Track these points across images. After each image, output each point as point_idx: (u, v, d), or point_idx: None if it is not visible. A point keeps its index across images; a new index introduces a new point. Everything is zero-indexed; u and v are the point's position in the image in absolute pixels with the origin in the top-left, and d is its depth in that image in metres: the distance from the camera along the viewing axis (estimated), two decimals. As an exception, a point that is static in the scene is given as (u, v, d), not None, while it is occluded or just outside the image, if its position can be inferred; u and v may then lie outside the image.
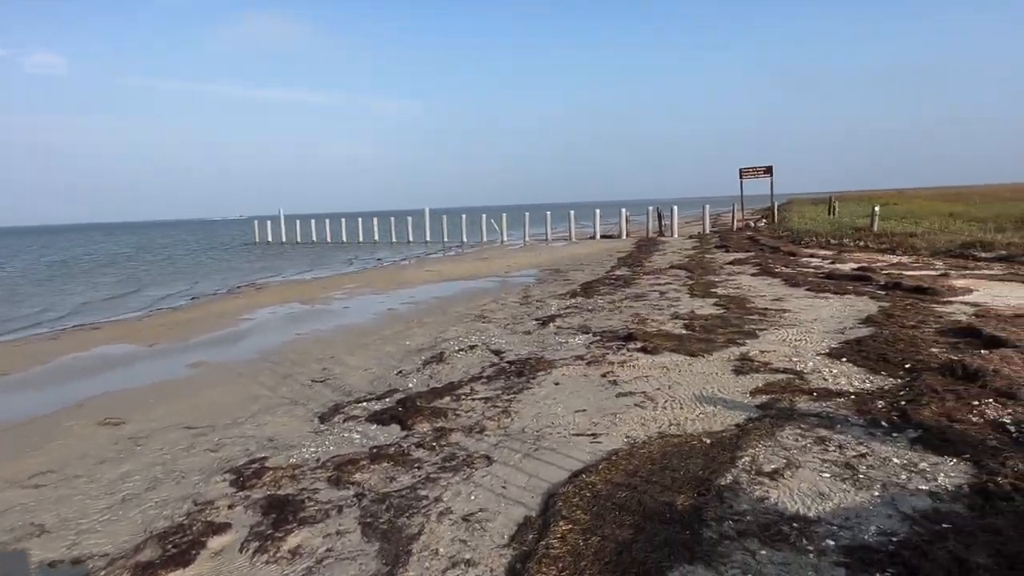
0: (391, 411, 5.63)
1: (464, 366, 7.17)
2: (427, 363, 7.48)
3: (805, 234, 19.23)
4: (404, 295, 14.14)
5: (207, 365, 8.24)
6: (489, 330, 9.24)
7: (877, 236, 16.56)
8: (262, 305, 13.62)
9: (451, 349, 8.09)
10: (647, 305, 10.20)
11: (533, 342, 8.15)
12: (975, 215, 19.67)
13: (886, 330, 7.07)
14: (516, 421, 5.12)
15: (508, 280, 16.10)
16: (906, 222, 19.63)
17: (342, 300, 13.91)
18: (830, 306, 9.01)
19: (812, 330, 7.58)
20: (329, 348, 8.79)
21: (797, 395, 5.17)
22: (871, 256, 14.14)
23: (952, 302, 8.52)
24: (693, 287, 11.69)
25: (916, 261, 12.66)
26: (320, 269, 23.72)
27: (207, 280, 21.30)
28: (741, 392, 5.40)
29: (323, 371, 7.49)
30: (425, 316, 11.04)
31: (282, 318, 11.80)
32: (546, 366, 6.74)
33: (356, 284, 16.95)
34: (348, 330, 10.17)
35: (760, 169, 28.39)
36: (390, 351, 8.38)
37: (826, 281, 11.03)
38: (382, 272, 20.82)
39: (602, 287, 12.82)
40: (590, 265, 18.32)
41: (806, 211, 31.52)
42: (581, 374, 6.35)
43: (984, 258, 12.07)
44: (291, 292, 15.89)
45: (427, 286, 15.74)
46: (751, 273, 13.10)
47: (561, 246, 27.75)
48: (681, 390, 5.56)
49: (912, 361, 5.80)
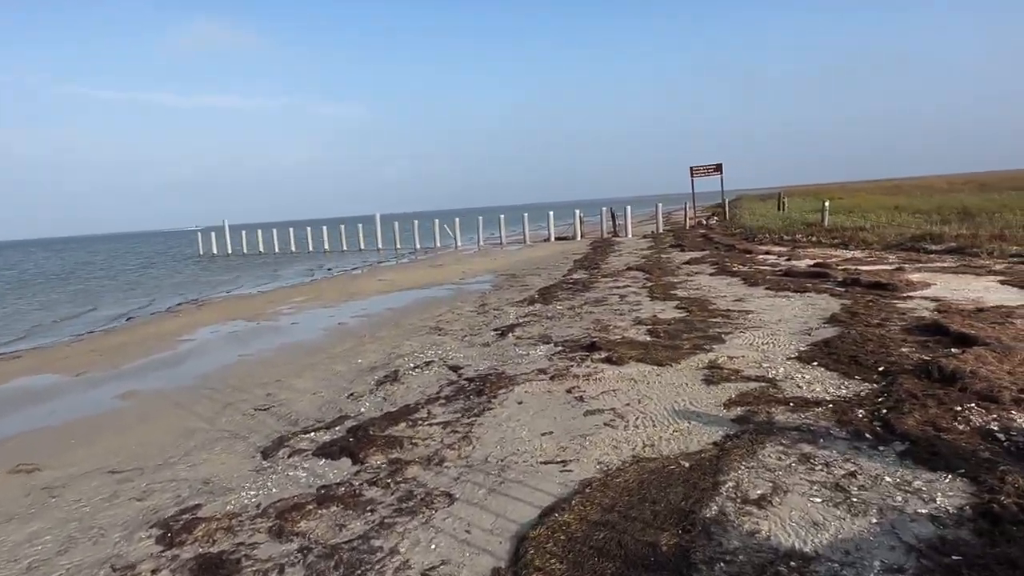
0: (341, 442, 5.16)
1: (420, 385, 6.73)
2: (380, 383, 7.00)
3: (758, 231, 19.37)
4: (355, 307, 13.57)
5: (139, 395, 7.58)
6: (446, 343, 8.81)
7: (828, 231, 16.74)
8: (203, 324, 12.86)
9: (406, 366, 7.63)
10: (608, 310, 9.92)
11: (492, 355, 7.76)
12: (919, 207, 20.13)
13: (852, 330, 6.92)
14: (478, 449, 4.71)
15: (463, 288, 15.66)
16: (854, 216, 19.96)
17: (290, 315, 13.25)
18: (792, 305, 8.89)
19: (778, 332, 7.40)
20: (275, 370, 8.22)
21: (773, 406, 4.91)
22: (824, 252, 14.22)
23: (912, 297, 8.48)
24: (653, 289, 11.48)
25: (869, 255, 12.76)
26: (267, 282, 22.83)
27: (145, 298, 20.21)
28: (714, 404, 5.12)
29: (267, 397, 6.94)
30: (378, 330, 10.53)
31: (224, 338, 11.12)
32: (507, 383, 6.35)
33: (305, 297, 16.26)
34: (295, 349, 9.59)
35: (710, 167, 28.65)
36: (341, 371, 7.87)
37: (784, 279, 10.96)
38: (332, 283, 20.11)
39: (560, 292, 12.51)
40: (546, 269, 18.02)
41: (756, 207, 32.01)
42: (545, 390, 5.99)
43: (934, 251, 12.23)
44: (235, 308, 15.11)
45: (379, 297, 15.18)
46: (709, 273, 12.99)
47: (516, 249, 27.43)
48: (652, 405, 5.25)
49: (884, 363, 5.63)
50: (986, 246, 11.42)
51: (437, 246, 33.64)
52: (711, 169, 28.64)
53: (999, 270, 9.86)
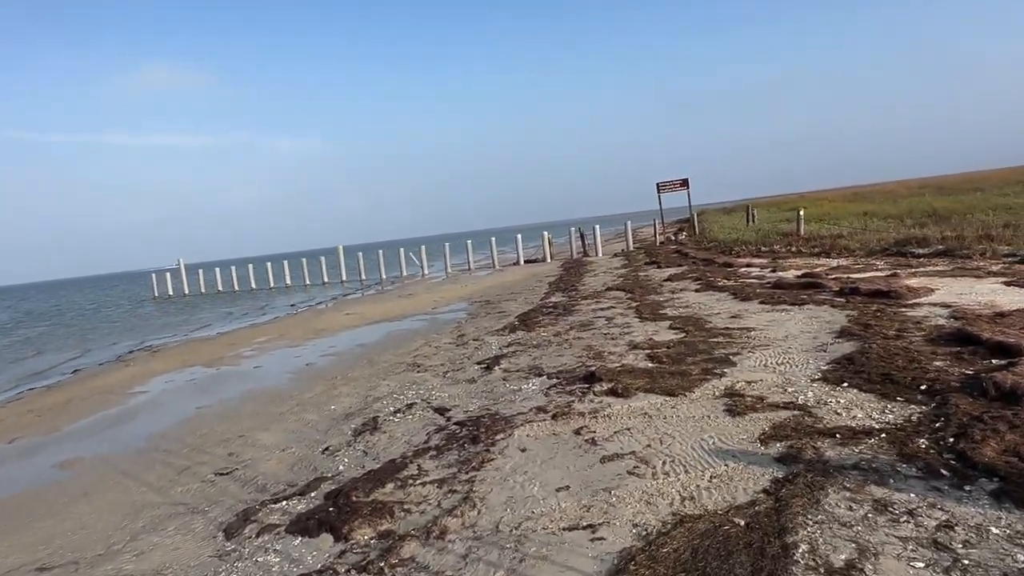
0: (320, 513, 4.36)
1: (404, 433, 5.96)
2: (359, 434, 6.21)
3: (733, 244, 19.08)
4: (323, 345, 12.69)
5: (81, 464, 6.64)
6: (427, 381, 8.06)
7: (806, 240, 16.49)
8: (157, 373, 11.84)
9: (385, 411, 6.86)
10: (597, 335, 9.29)
11: (481, 393, 7.04)
12: (888, 212, 20.12)
13: (871, 343, 6.40)
14: (484, 513, 3.98)
15: (437, 317, 14.90)
16: (826, 224, 19.83)
17: (252, 358, 12.32)
18: (793, 319, 8.37)
19: (789, 350, 6.84)
20: (237, 423, 7.35)
21: (816, 439, 4.30)
22: (807, 261, 13.88)
23: (920, 304, 8.05)
24: (639, 309, 10.91)
25: (856, 263, 12.42)
26: (227, 322, 21.69)
27: (95, 346, 18.93)
28: (748, 440, 4.49)
29: (230, 458, 6.09)
30: (350, 369, 9.70)
31: (181, 388, 10.15)
32: (504, 426, 5.63)
33: (268, 336, 15.29)
34: (260, 396, 8.71)
35: (677, 182, 28.52)
36: (312, 420, 7.05)
37: (776, 292, 10.50)
38: (297, 320, 19.12)
39: (541, 317, 11.85)
40: (521, 293, 17.37)
41: (723, 221, 32.01)
42: (549, 433, 5.29)
43: (923, 254, 11.94)
44: (192, 353, 14.07)
45: (348, 332, 14.32)
46: (694, 289, 12.49)
47: (486, 275, 26.76)
48: (677, 445, 4.59)
49: (923, 380, 5.08)
50: (975, 247, 11.17)
51: (404, 275, 32.78)
52: (678, 184, 28.52)
53: (997, 271, 9.54)
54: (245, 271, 38.22)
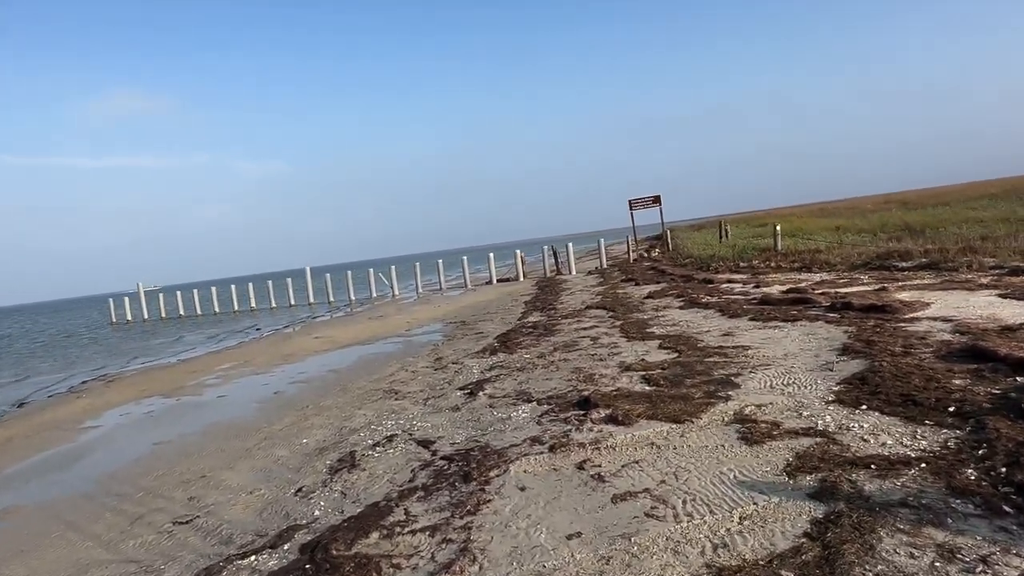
0: (294, 571, 3.80)
1: (386, 470, 5.41)
2: (335, 471, 5.64)
3: (710, 260, 18.91)
4: (292, 372, 12.02)
5: (19, 514, 5.91)
6: (406, 409, 7.51)
7: (784, 255, 16.38)
8: (112, 405, 11.03)
9: (363, 444, 6.30)
10: (584, 356, 8.86)
11: (466, 422, 6.52)
12: (860, 227, 20.22)
13: (879, 361, 6.06)
14: (488, 568, 3.47)
15: (411, 340, 14.34)
16: (801, 239, 19.82)
17: (216, 386, 11.58)
18: (789, 337, 8.05)
19: (793, 369, 6.48)
20: (199, 461, 6.70)
21: (849, 470, 3.89)
22: (789, 276, 13.69)
23: (918, 319, 7.79)
24: (625, 328, 10.51)
25: (839, 277, 12.25)
26: (189, 348, 20.74)
27: (45, 376, 17.85)
28: (772, 472, 4.07)
29: (190, 503, 5.45)
30: (322, 398, 9.09)
31: (137, 422, 9.40)
32: (497, 460, 5.13)
33: (232, 363, 14.52)
34: (225, 430, 8.05)
35: (649, 199, 28.48)
36: (282, 457, 6.44)
37: (764, 308, 10.19)
38: (263, 344, 18.33)
39: (522, 338, 11.38)
40: (497, 313, 16.90)
41: (695, 237, 32.07)
42: (549, 468, 4.81)
43: (907, 268, 11.82)
44: (151, 382, 13.24)
45: (318, 357, 13.66)
46: (678, 306, 12.17)
47: (458, 295, 26.23)
48: (695, 480, 4.14)
49: (948, 401, 4.73)
50: (959, 260, 11.07)
51: (373, 296, 32.07)
52: (650, 201, 28.47)
53: (988, 283, 9.38)
54: (208, 294, 37.05)
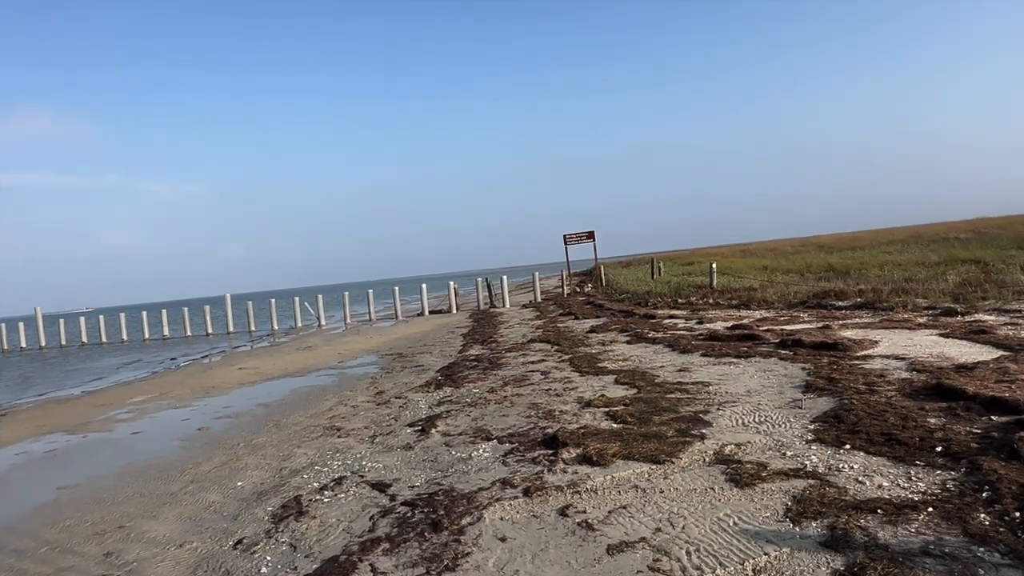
0: (245, 645, 3.22)
1: (341, 518, 4.84)
2: (280, 519, 5.01)
3: (647, 296, 19.09)
4: (217, 405, 11.08)
5: None
6: (352, 448, 6.92)
7: (721, 293, 16.69)
8: (5, 443, 9.75)
9: (309, 488, 5.68)
10: (538, 391, 8.52)
11: (423, 462, 6.02)
12: (787, 267, 20.97)
13: (848, 399, 6.03)
14: (481, 637, 3.02)
15: (346, 372, 13.59)
16: (733, 277, 20.34)
17: (128, 421, 10.50)
18: (747, 373, 8.01)
19: (760, 406, 6.37)
20: (115, 509, 5.87)
21: (856, 515, 3.69)
22: (729, 313, 13.89)
23: (870, 357, 7.89)
24: (575, 363, 10.27)
25: (779, 315, 12.48)
26: (94, 379, 19.06)
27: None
28: (774, 518, 3.82)
29: (107, 560, 4.69)
30: (254, 434, 8.32)
31: (36, 462, 8.30)
32: (467, 505, 4.68)
33: (147, 396, 13.32)
34: (143, 471, 7.17)
35: (583, 235, 28.75)
36: (215, 502, 5.72)
37: (714, 344, 10.20)
38: (180, 375, 17.02)
39: (467, 372, 10.95)
40: (435, 345, 16.35)
41: (626, 273, 32.59)
42: (528, 514, 4.39)
43: (843, 307, 12.17)
44: (52, 417, 11.92)
45: (244, 389, 12.71)
46: (625, 341, 12.06)
47: (389, 326, 25.44)
48: (692, 527, 3.84)
49: (933, 440, 4.67)
50: (893, 300, 11.49)
51: (298, 326, 30.74)
52: (584, 236, 28.75)
53: (925, 323, 9.71)
54: (116, 320, 34.58)
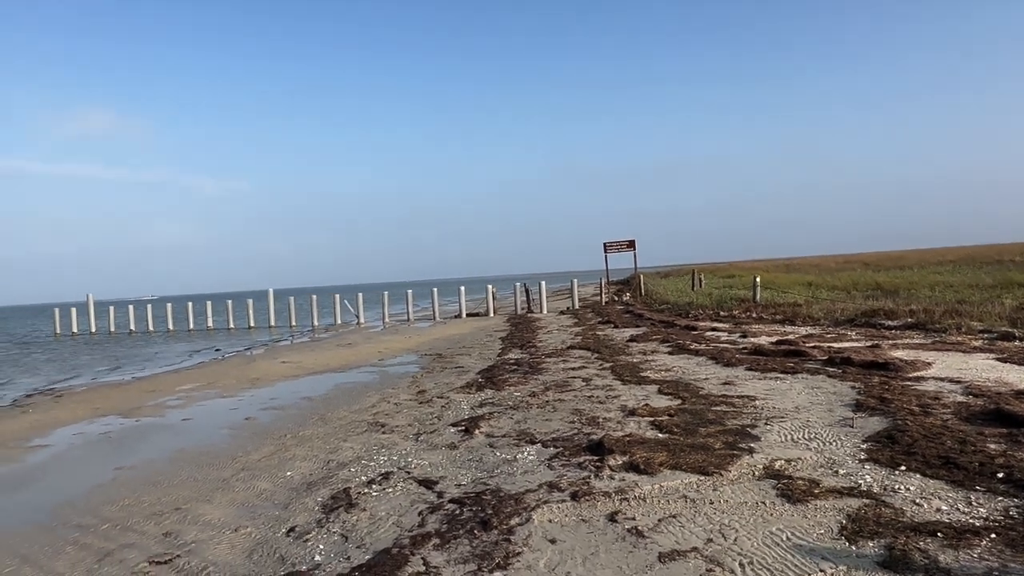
0: (304, 628, 3.32)
1: (390, 512, 4.94)
2: (330, 510, 5.14)
3: (688, 307, 18.92)
4: (263, 397, 11.36)
5: (-38, 542, 5.23)
6: (397, 444, 7.04)
7: (764, 307, 16.46)
8: (62, 423, 10.18)
9: (357, 481, 5.80)
10: (580, 397, 8.54)
11: (468, 462, 6.10)
12: (833, 284, 20.57)
13: (901, 420, 5.91)
14: (536, 635, 3.06)
15: (386, 370, 13.80)
16: (775, 292, 20.04)
17: (179, 408, 10.84)
18: (794, 389, 7.90)
19: (810, 423, 6.29)
20: (171, 491, 6.09)
21: (915, 537, 3.63)
22: (773, 328, 13.69)
23: (923, 378, 7.72)
24: (617, 371, 10.25)
25: (826, 332, 12.26)
26: (143, 365, 19.68)
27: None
28: (828, 535, 3.78)
29: (166, 539, 4.87)
30: (300, 427, 8.52)
31: (93, 443, 8.64)
32: (515, 506, 4.73)
33: (195, 384, 13.72)
34: (196, 457, 7.41)
35: (623, 243, 28.66)
36: (266, 490, 5.89)
37: (759, 358, 10.07)
38: (226, 366, 17.48)
39: (507, 375, 11.01)
40: (473, 348, 16.49)
41: (666, 283, 32.31)
42: (576, 518, 4.43)
43: (893, 326, 11.91)
44: (106, 400, 12.37)
45: (288, 383, 13.01)
46: (666, 351, 11.98)
47: (427, 327, 25.70)
48: (745, 540, 3.83)
49: (994, 466, 4.56)
50: (946, 322, 11.20)
51: (338, 323, 31.25)
52: (624, 245, 28.65)
53: (981, 347, 9.45)
54: (163, 310, 35.62)
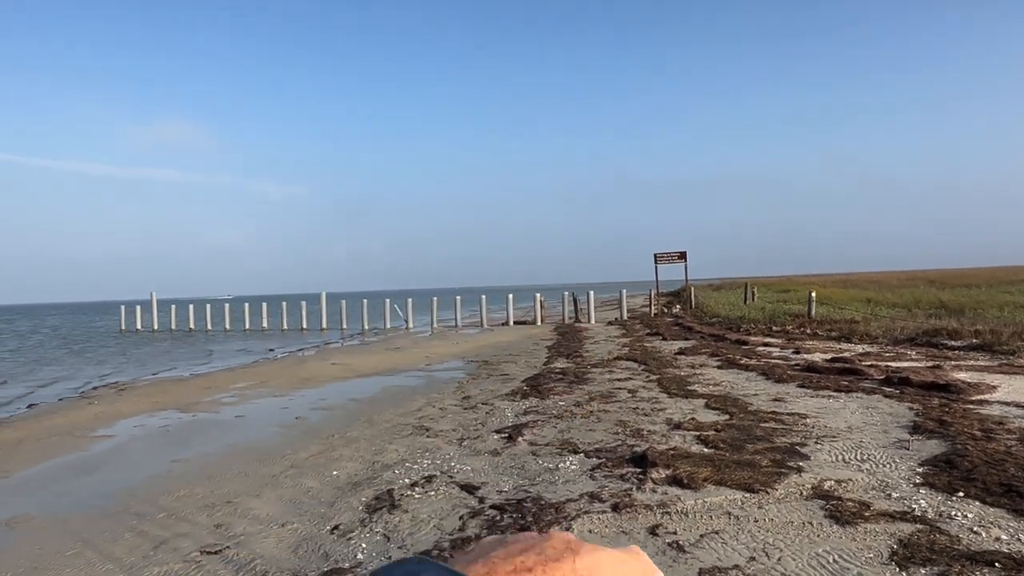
0: (344, 624, 3.39)
1: (431, 515, 5.00)
2: (373, 510, 5.23)
3: (740, 321, 18.54)
4: (312, 397, 11.63)
5: (31, 524, 5.51)
6: (440, 448, 7.11)
7: (819, 323, 15.99)
8: (125, 415, 10.64)
9: (400, 483, 5.89)
10: (625, 409, 8.46)
11: (510, 469, 6.11)
12: (894, 301, 19.84)
13: (961, 444, 5.66)
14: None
15: (433, 375, 13.94)
16: (831, 308, 19.45)
17: (233, 405, 11.20)
18: (847, 408, 7.66)
19: (863, 444, 6.08)
20: (222, 485, 6.30)
21: (970, 567, 3.48)
22: (828, 345, 13.30)
23: (987, 402, 7.38)
24: (664, 383, 10.11)
25: (884, 350, 11.84)
26: (201, 362, 20.40)
27: (55, 377, 17.51)
28: (878, 560, 3.66)
29: (217, 531, 5.05)
30: (348, 428, 8.69)
31: (152, 435, 9.01)
32: (555, 515, 4.73)
33: (248, 382, 14.14)
34: (247, 452, 7.65)
35: (674, 254, 28.28)
36: (312, 488, 6.03)
37: (812, 375, 9.79)
38: (278, 366, 17.97)
39: (552, 384, 10.99)
40: (520, 355, 16.51)
41: (717, 297, 31.76)
42: (616, 529, 4.40)
43: (956, 347, 11.42)
44: (165, 395, 12.87)
45: (337, 384, 13.27)
46: (716, 366, 11.77)
47: (475, 333, 25.87)
48: (789, 560, 3.73)
49: (1061, 497, 4.32)
50: (1014, 344, 10.67)
51: (387, 327, 31.75)
52: (675, 256, 28.27)
53: (1051, 372, 8.97)
54: (221, 310, 36.85)
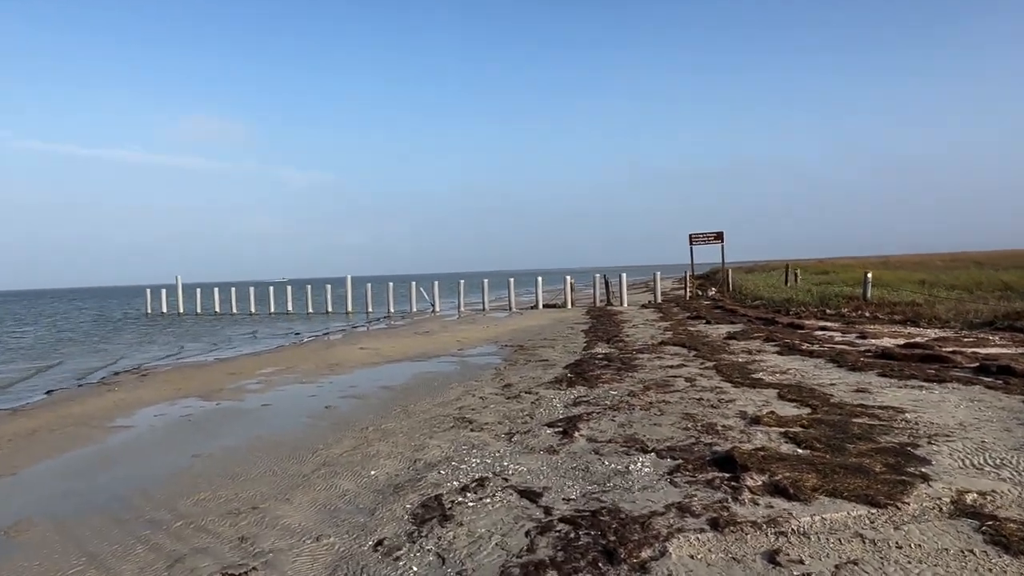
0: None
1: (491, 529, 4.23)
2: (422, 521, 4.47)
3: (787, 304, 17.52)
4: (341, 383, 10.96)
5: (34, 532, 4.86)
6: (489, 445, 6.35)
7: (876, 306, 14.96)
8: (145, 403, 10.05)
9: (449, 486, 5.13)
10: (688, 400, 7.63)
11: (572, 471, 5.32)
12: (951, 283, 18.67)
13: (1115, 447, 4.76)
14: None
15: (467, 360, 13.21)
16: (883, 290, 18.34)
17: (258, 392, 10.56)
18: (947, 401, 6.76)
19: (986, 445, 5.21)
20: (248, 486, 5.60)
21: None
22: (893, 329, 12.30)
23: (1116, 396, 6.43)
24: (722, 371, 9.26)
25: (961, 335, 10.84)
26: (225, 347, 19.90)
27: (77, 362, 17.09)
28: (1087, 610, 2.81)
29: (241, 545, 4.33)
30: (382, 419, 7.98)
31: (173, 426, 8.37)
32: (643, 533, 3.93)
33: (274, 368, 13.53)
34: (274, 447, 6.96)
35: (711, 235, 27.19)
36: (349, 490, 5.30)
37: (890, 363, 8.86)
38: (304, 350, 17.37)
39: (598, 371, 10.17)
40: (556, 340, 15.70)
41: (755, 279, 30.58)
42: (725, 555, 3.59)
43: (1047, 332, 10.41)
44: (187, 381, 12.28)
45: (367, 370, 12.60)
46: (774, 351, 10.87)
47: (504, 317, 25.12)
48: (968, 607, 2.90)
49: None
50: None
51: (413, 311, 31.12)
52: (711, 237, 27.19)
53: None
54: (245, 294, 36.49)
